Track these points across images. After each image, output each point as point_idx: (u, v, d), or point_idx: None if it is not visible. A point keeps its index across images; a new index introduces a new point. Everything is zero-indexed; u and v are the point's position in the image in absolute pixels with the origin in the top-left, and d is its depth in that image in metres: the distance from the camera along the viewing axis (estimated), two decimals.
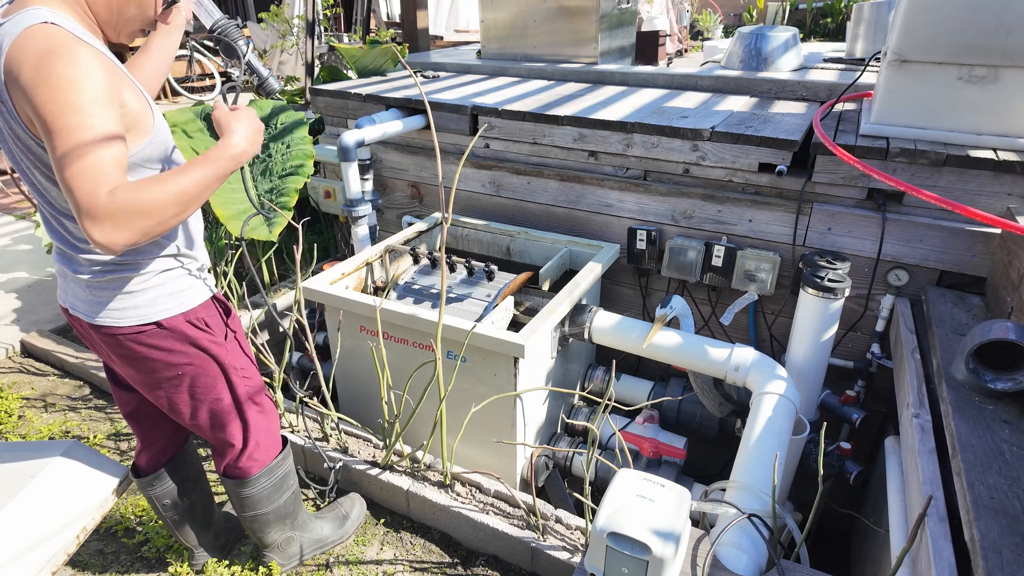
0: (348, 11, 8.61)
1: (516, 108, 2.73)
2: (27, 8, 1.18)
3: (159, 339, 1.42)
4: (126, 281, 1.37)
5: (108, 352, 1.46)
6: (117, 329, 1.39)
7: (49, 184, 1.27)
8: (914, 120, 2.13)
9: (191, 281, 1.48)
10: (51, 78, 1.10)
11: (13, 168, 1.39)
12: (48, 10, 1.18)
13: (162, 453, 1.75)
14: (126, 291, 1.38)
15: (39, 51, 1.12)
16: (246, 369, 1.61)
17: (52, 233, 1.37)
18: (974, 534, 1.16)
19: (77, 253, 1.34)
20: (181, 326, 1.44)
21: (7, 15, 1.19)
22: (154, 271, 1.40)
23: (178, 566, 1.92)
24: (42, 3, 1.20)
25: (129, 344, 1.41)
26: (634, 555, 1.29)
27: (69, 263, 1.38)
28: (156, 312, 1.41)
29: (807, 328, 2.16)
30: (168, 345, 1.44)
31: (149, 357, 1.44)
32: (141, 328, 1.40)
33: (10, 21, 1.17)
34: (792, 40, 3.25)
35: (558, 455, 2.40)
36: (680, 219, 2.54)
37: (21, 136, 1.20)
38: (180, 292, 1.45)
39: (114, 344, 1.42)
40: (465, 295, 2.42)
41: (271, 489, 1.74)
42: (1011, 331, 1.45)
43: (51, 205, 1.31)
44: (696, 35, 6.56)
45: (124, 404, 1.67)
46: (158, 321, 1.41)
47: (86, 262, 1.35)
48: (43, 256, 4.01)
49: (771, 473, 1.61)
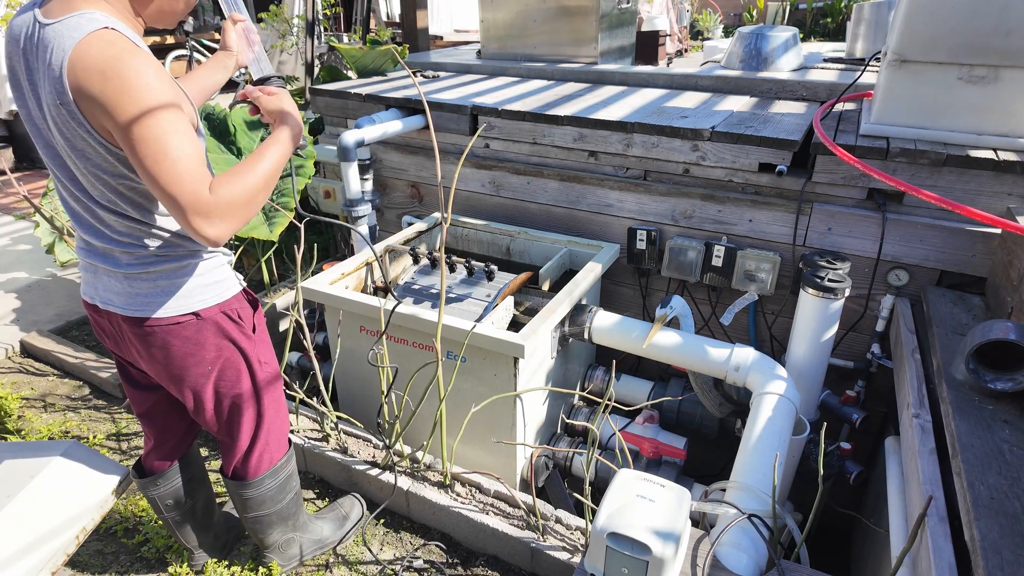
0: (348, 11, 8.61)
1: (516, 108, 2.73)
2: (79, 12, 1.17)
3: (195, 331, 1.44)
4: (165, 273, 1.38)
5: (139, 346, 1.45)
6: (155, 321, 1.39)
7: (96, 180, 1.27)
8: (914, 120, 2.13)
9: (226, 272, 1.49)
10: (129, 89, 1.13)
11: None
12: (102, 14, 1.19)
13: (172, 453, 1.75)
14: (165, 282, 1.39)
15: (107, 59, 1.13)
16: (269, 363, 1.63)
17: (85, 227, 1.37)
18: (974, 534, 1.16)
19: (116, 247, 1.35)
20: (217, 317, 1.46)
21: (51, 15, 1.18)
22: (193, 262, 1.41)
23: (178, 566, 1.92)
24: (92, 6, 1.20)
25: (165, 336, 1.41)
26: (634, 555, 1.29)
27: (104, 258, 1.38)
28: (194, 303, 1.42)
29: (807, 328, 2.16)
30: (203, 337, 1.45)
31: (183, 351, 1.44)
32: (179, 319, 1.41)
33: (62, 23, 1.16)
34: (792, 40, 3.25)
35: (558, 455, 2.40)
36: (680, 219, 2.54)
37: (81, 137, 1.20)
38: (216, 283, 1.46)
39: (148, 337, 1.42)
40: (465, 295, 2.42)
41: (275, 490, 1.74)
42: (1011, 331, 1.44)
43: (93, 200, 1.31)
44: (696, 35, 6.56)
45: (139, 404, 1.67)
46: (196, 312, 1.42)
47: (124, 254, 1.36)
48: (43, 256, 4.01)
49: (771, 473, 1.61)
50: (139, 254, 1.36)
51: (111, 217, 1.32)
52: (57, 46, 1.15)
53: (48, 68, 1.16)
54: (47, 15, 1.18)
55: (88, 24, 1.15)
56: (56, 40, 1.15)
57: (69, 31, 1.15)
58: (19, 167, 6.06)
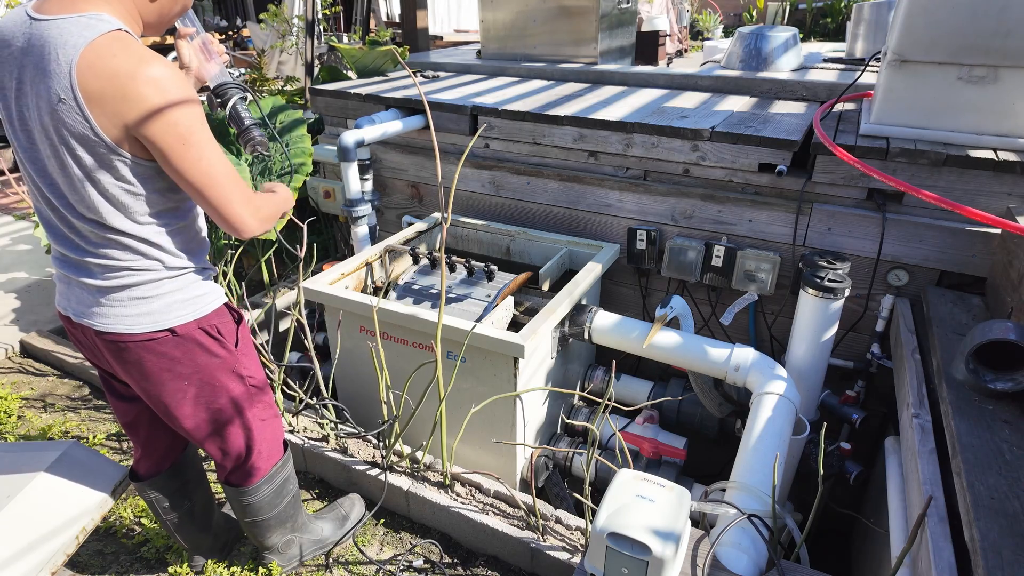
0: (348, 11, 8.61)
1: (516, 108, 2.73)
2: (87, 12, 1.14)
3: (171, 347, 1.38)
4: (140, 287, 1.33)
5: (112, 361, 1.41)
6: (128, 337, 1.34)
7: (82, 185, 1.22)
8: (914, 120, 2.13)
9: (205, 287, 1.44)
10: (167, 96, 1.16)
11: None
12: (111, 16, 1.17)
13: (162, 461, 1.72)
14: (140, 297, 1.33)
15: (134, 63, 1.13)
16: (254, 377, 1.57)
17: (57, 238, 1.33)
18: (974, 534, 1.16)
19: (87, 257, 1.30)
20: (194, 333, 1.41)
21: (49, 12, 1.14)
22: (168, 276, 1.36)
23: (177, 567, 1.92)
24: (98, 7, 1.17)
25: (139, 352, 1.36)
26: (634, 555, 1.29)
27: (76, 269, 1.33)
28: (170, 319, 1.37)
29: (807, 328, 2.16)
30: (179, 354, 1.40)
31: (158, 366, 1.39)
32: (154, 336, 1.36)
33: (66, 21, 1.13)
34: (792, 40, 3.25)
35: (558, 455, 2.39)
36: (680, 219, 2.53)
37: (79, 137, 1.16)
38: (194, 299, 1.41)
39: (122, 352, 1.37)
40: (465, 295, 2.42)
41: (272, 495, 1.72)
42: (1011, 331, 1.44)
43: (71, 209, 1.26)
44: (696, 35, 6.56)
45: (123, 414, 1.63)
46: (172, 328, 1.37)
47: (98, 267, 1.31)
48: (43, 256, 4.01)
49: (771, 473, 1.61)
50: (113, 267, 1.31)
51: (87, 227, 1.27)
52: (62, 43, 1.11)
53: (50, 65, 1.12)
54: (42, 11, 1.15)
55: (100, 24, 1.12)
56: (61, 37, 1.11)
57: (79, 29, 1.11)
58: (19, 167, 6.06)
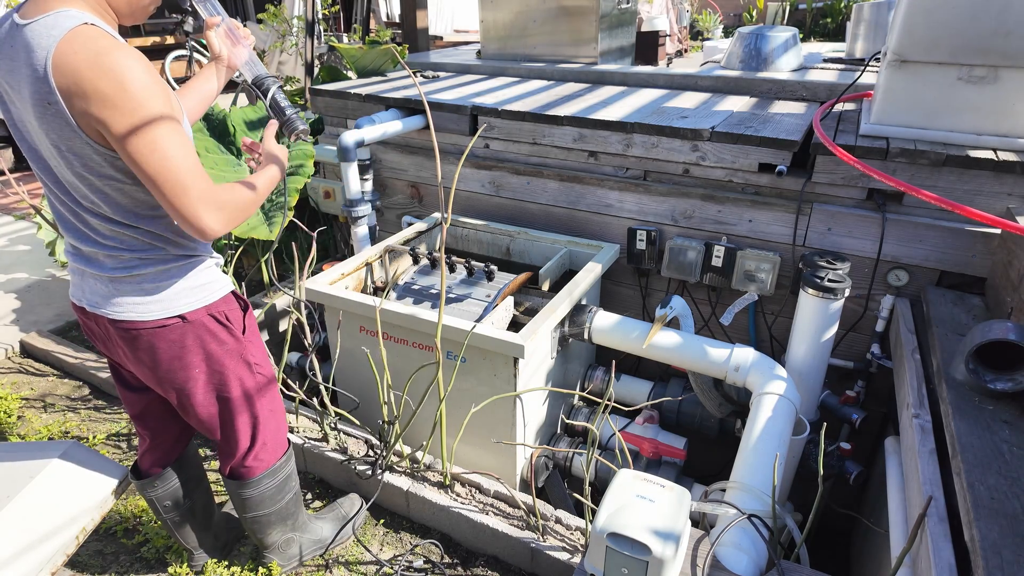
0: (348, 11, 8.61)
1: (516, 108, 2.73)
2: (55, 10, 1.16)
3: (181, 334, 1.43)
4: (150, 276, 1.38)
5: (125, 349, 1.45)
6: (140, 324, 1.39)
7: (81, 182, 1.26)
8: (914, 120, 2.13)
9: (213, 274, 1.49)
10: (121, 85, 1.13)
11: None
12: (78, 11, 1.18)
13: (168, 455, 1.74)
14: (150, 285, 1.38)
15: (93, 55, 1.12)
16: (261, 365, 1.61)
17: (69, 231, 1.37)
18: (974, 534, 1.16)
19: (98, 249, 1.35)
20: (203, 319, 1.45)
21: (27, 16, 1.16)
22: (177, 264, 1.41)
23: (177, 567, 1.92)
24: (67, 4, 1.19)
25: (151, 339, 1.41)
26: (634, 555, 1.29)
27: (88, 260, 1.38)
28: (180, 306, 1.41)
29: (807, 328, 2.16)
30: (189, 340, 1.44)
31: (169, 353, 1.44)
32: (164, 322, 1.40)
33: (38, 23, 1.14)
34: (792, 40, 3.25)
35: (558, 455, 2.39)
36: (680, 219, 2.54)
37: (68, 137, 1.19)
38: (203, 285, 1.45)
39: (134, 340, 1.41)
40: (465, 295, 2.41)
41: (274, 491, 1.74)
42: (1011, 331, 1.44)
43: (77, 203, 1.31)
44: (696, 35, 6.56)
45: (132, 405, 1.66)
46: (182, 315, 1.42)
47: (109, 258, 1.36)
48: (43, 256, 4.01)
49: (771, 473, 1.61)
50: (123, 258, 1.36)
51: (95, 220, 1.32)
52: (37, 46, 1.13)
53: (31, 69, 1.14)
54: (23, 16, 1.17)
55: (66, 21, 1.14)
56: (35, 40, 1.13)
57: (47, 29, 1.13)
58: (19, 167, 6.06)
